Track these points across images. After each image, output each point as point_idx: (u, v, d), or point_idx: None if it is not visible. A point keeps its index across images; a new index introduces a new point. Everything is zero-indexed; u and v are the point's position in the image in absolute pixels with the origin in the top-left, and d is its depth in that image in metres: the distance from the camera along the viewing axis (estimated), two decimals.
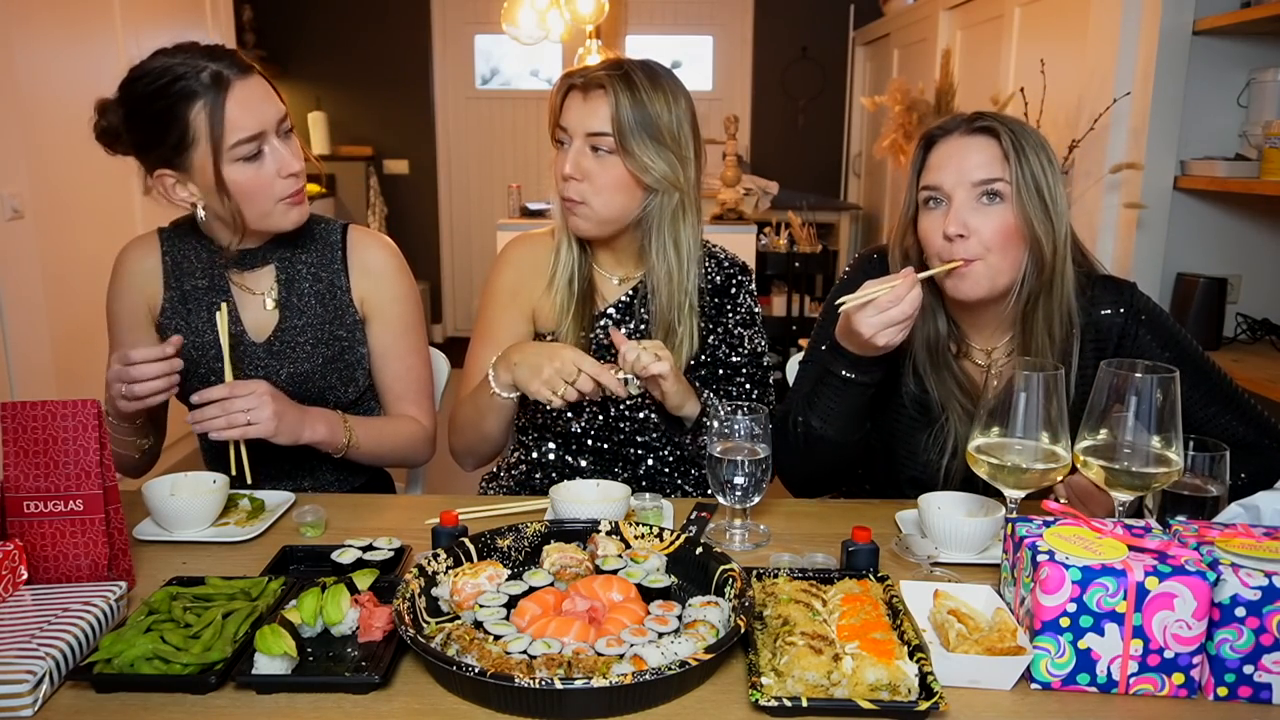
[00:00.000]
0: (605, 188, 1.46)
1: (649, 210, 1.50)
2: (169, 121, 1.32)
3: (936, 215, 1.34)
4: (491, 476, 1.71)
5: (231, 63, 1.34)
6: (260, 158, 1.36)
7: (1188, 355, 1.39)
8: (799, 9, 6.02)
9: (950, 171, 1.33)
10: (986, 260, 1.32)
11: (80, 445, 1.09)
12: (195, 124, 1.32)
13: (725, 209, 4.09)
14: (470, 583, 1.06)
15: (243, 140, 1.33)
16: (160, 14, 3.76)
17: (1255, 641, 0.91)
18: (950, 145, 1.35)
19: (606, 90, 1.43)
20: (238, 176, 1.35)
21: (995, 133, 1.32)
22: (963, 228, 1.31)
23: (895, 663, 0.91)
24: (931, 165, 1.36)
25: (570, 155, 1.46)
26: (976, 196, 1.31)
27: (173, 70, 1.31)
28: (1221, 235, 2.74)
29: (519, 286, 1.59)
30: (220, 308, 1.43)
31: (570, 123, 1.46)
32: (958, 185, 1.32)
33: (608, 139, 1.44)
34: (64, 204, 3.09)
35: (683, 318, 1.53)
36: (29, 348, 2.91)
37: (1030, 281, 1.35)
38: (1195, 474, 1.14)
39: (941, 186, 1.33)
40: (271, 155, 1.37)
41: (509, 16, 4.14)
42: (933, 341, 1.43)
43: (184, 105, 1.31)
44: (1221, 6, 2.53)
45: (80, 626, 0.97)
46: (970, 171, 1.32)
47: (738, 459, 1.23)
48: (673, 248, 1.51)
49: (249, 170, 1.35)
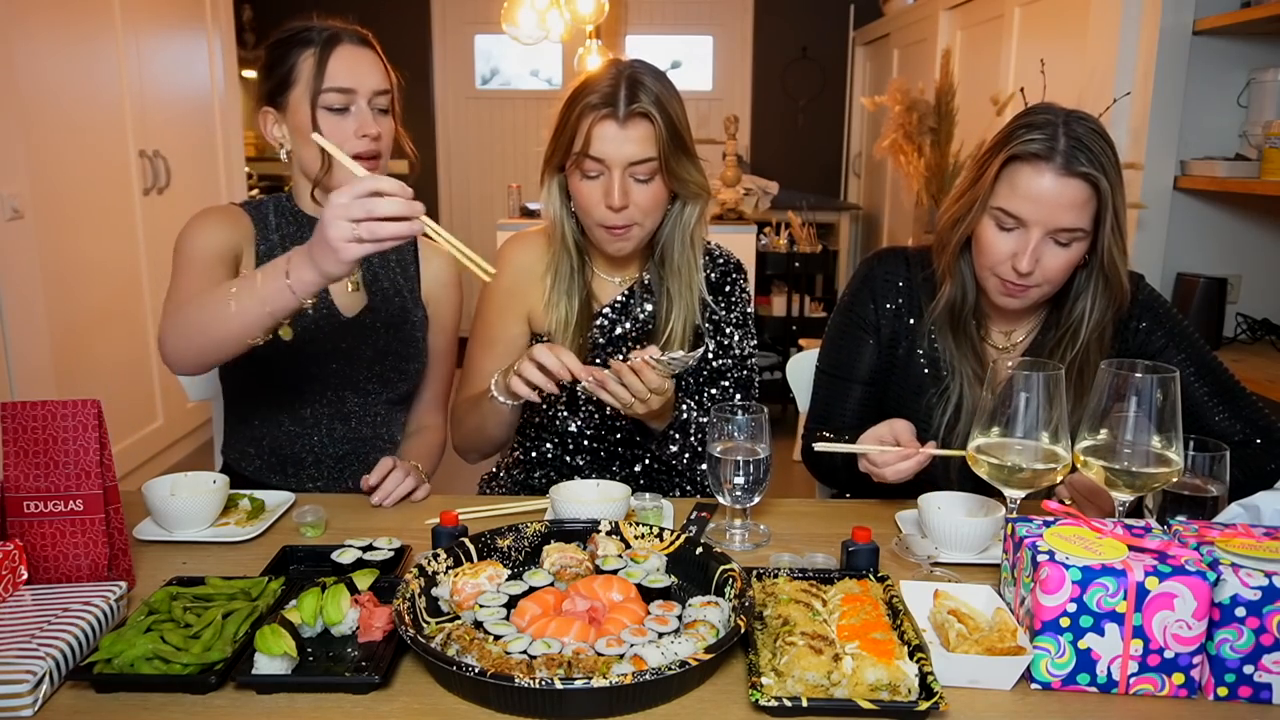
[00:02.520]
0: (651, 210, 1.45)
1: (670, 215, 1.51)
2: (283, 61, 1.47)
3: (1008, 238, 1.32)
4: (491, 476, 1.72)
5: (353, 33, 1.49)
6: (345, 113, 1.46)
7: (1192, 347, 1.41)
8: (799, 9, 6.01)
9: (1037, 210, 1.28)
10: (1044, 288, 1.35)
11: (80, 445, 1.09)
12: (301, 66, 1.45)
13: (725, 209, 4.09)
14: (470, 583, 1.06)
15: (333, 89, 1.44)
16: (160, 14, 3.76)
17: (1255, 641, 0.91)
18: (1042, 180, 1.27)
19: (647, 118, 1.39)
20: (322, 123, 1.45)
21: (1094, 182, 1.27)
22: (1033, 264, 1.30)
23: (895, 663, 0.91)
24: (1019, 191, 1.29)
25: (616, 187, 1.40)
26: (1056, 236, 1.30)
27: (306, 25, 1.49)
28: (1221, 235, 2.74)
29: (515, 288, 1.59)
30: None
31: (607, 153, 1.39)
32: (1040, 224, 1.29)
33: (651, 164, 1.41)
34: (64, 204, 3.09)
35: (694, 317, 1.54)
36: (29, 348, 2.91)
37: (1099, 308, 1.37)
38: (1195, 474, 1.14)
39: (1023, 219, 1.30)
40: (356, 115, 1.46)
41: (509, 16, 4.14)
42: (957, 307, 1.44)
43: (298, 49, 1.46)
44: (1221, 6, 2.53)
45: (80, 626, 0.97)
46: (1058, 218, 1.28)
47: (738, 459, 1.23)
48: (692, 249, 1.53)
49: (331, 119, 1.45)
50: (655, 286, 1.56)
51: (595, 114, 1.38)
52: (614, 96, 1.38)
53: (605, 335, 1.56)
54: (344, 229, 1.11)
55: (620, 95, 1.38)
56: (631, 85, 1.38)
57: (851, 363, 1.52)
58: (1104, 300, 1.36)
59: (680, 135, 1.43)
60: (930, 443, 1.29)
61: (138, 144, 3.52)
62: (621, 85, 1.38)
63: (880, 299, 1.51)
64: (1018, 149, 1.29)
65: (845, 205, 5.61)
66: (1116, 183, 1.28)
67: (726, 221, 4.05)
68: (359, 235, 1.11)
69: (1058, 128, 1.28)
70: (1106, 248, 1.31)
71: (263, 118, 1.52)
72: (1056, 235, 1.29)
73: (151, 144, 3.63)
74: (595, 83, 1.40)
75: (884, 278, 1.52)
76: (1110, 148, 1.29)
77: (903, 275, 1.52)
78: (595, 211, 1.43)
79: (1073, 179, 1.26)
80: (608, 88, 1.39)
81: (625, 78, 1.39)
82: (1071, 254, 1.31)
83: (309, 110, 1.44)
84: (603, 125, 1.39)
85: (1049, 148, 1.27)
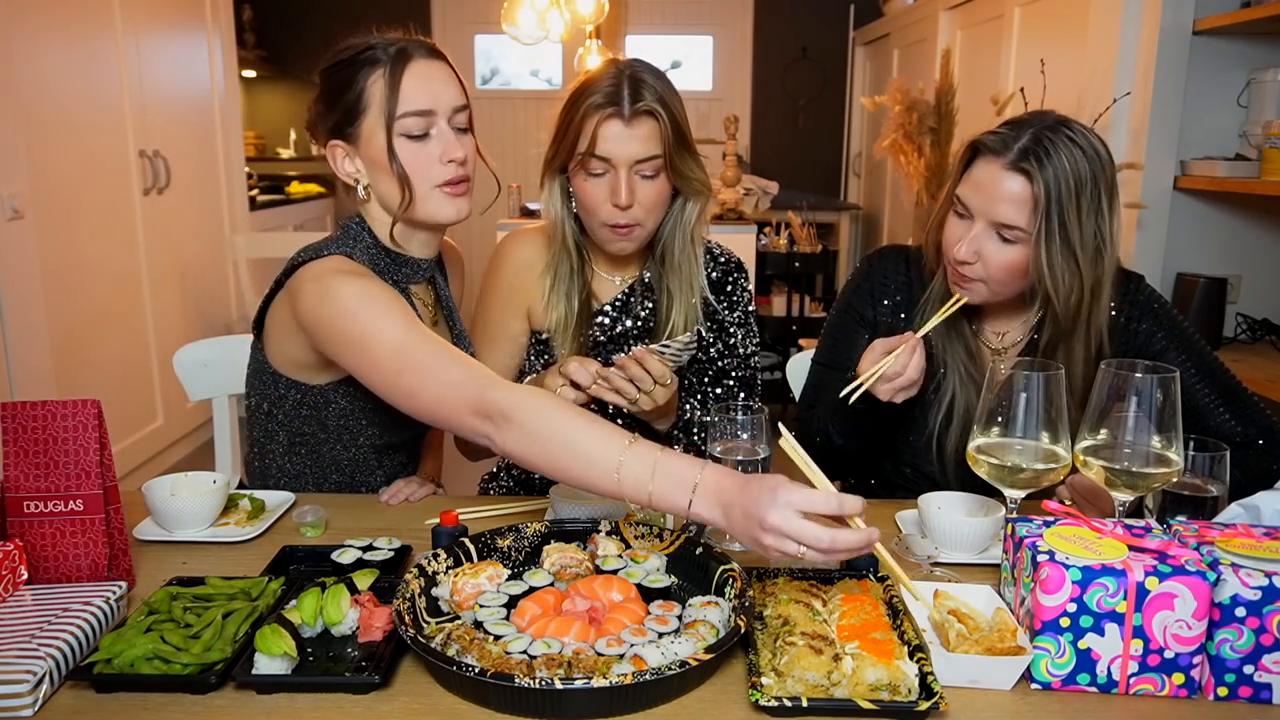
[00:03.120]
0: (655, 207, 1.45)
1: (671, 212, 1.51)
2: (349, 86, 1.31)
3: (958, 226, 1.35)
4: (491, 476, 1.72)
5: (421, 45, 1.34)
6: (426, 139, 1.32)
7: (1192, 347, 1.41)
8: (799, 9, 6.01)
9: (979, 199, 1.31)
10: (988, 284, 1.35)
11: (80, 445, 1.09)
12: (371, 90, 1.30)
13: (725, 209, 4.08)
14: (470, 583, 1.06)
15: (411, 113, 1.30)
16: (160, 14, 3.76)
17: (1255, 641, 0.91)
18: (989, 171, 1.30)
19: (652, 115, 1.39)
20: (400, 151, 1.31)
21: (1032, 181, 1.26)
22: (974, 255, 1.32)
23: (895, 663, 0.91)
24: (969, 179, 1.34)
25: (622, 185, 1.40)
26: (995, 230, 1.31)
27: (367, 43, 1.33)
28: (1221, 235, 2.74)
29: (515, 284, 1.59)
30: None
31: (612, 152, 1.39)
32: (981, 214, 1.31)
33: (657, 162, 1.41)
34: (64, 204, 3.09)
35: (695, 316, 1.54)
36: (29, 348, 2.91)
37: (1049, 327, 1.36)
38: (1195, 474, 1.14)
39: (970, 207, 1.33)
40: (438, 138, 1.33)
41: (509, 16, 4.14)
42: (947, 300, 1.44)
43: (365, 72, 1.31)
44: (1221, 6, 2.53)
45: (80, 626, 0.97)
46: (996, 209, 1.29)
47: (738, 459, 1.23)
48: (693, 246, 1.53)
49: (412, 147, 1.31)
50: (656, 284, 1.56)
51: (600, 113, 1.38)
52: (618, 95, 1.38)
53: (606, 334, 1.57)
54: (788, 548, 0.94)
55: (624, 94, 1.38)
56: (634, 83, 1.39)
57: (845, 355, 1.52)
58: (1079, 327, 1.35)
59: (683, 132, 1.43)
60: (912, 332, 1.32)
61: (138, 144, 3.53)
62: (624, 84, 1.38)
63: (879, 296, 1.52)
64: (981, 139, 1.33)
65: (845, 205, 5.61)
66: (1064, 195, 1.25)
67: (726, 221, 4.04)
68: (800, 553, 0.95)
69: (1032, 128, 1.29)
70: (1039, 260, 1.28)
71: (331, 153, 1.36)
72: (1000, 229, 1.30)
73: (151, 144, 3.63)
74: (597, 82, 1.40)
75: (883, 275, 1.53)
76: (1086, 160, 1.26)
77: (902, 273, 1.52)
78: (600, 211, 1.43)
79: (1015, 174, 1.28)
80: (610, 87, 1.39)
81: (627, 76, 1.39)
82: (1012, 253, 1.31)
83: (385, 139, 1.30)
84: (608, 124, 1.38)
85: (1005, 143, 1.29)
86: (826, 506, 0.94)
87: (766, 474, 0.98)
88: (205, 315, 4.11)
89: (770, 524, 0.92)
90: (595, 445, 1.04)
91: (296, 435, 1.46)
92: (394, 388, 1.17)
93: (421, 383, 1.15)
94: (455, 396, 1.12)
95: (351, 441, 1.46)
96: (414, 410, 1.18)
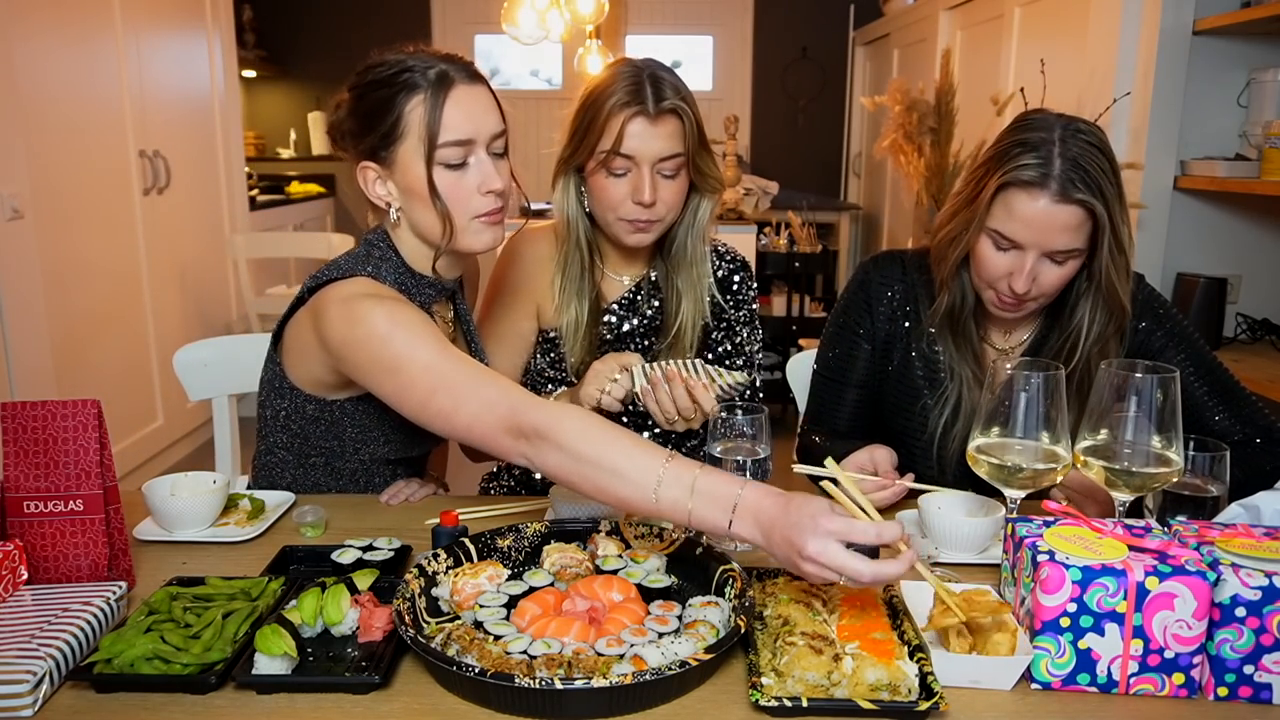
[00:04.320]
0: (674, 204, 1.46)
1: (685, 210, 1.52)
2: (386, 110, 1.26)
3: (1004, 257, 1.32)
4: (492, 476, 1.72)
5: (462, 68, 1.29)
6: (464, 168, 1.28)
7: (1192, 347, 1.41)
8: (799, 9, 6.02)
9: (1030, 234, 1.28)
10: (1038, 300, 1.36)
11: (80, 445, 1.09)
12: (410, 117, 1.25)
13: (725, 209, 4.09)
14: (470, 583, 1.06)
15: (452, 143, 1.25)
16: (160, 14, 3.76)
17: (1255, 641, 0.91)
18: (1035, 206, 1.26)
19: (676, 114, 1.40)
20: (439, 181, 1.27)
21: (1090, 208, 1.25)
22: (1029, 284, 1.31)
23: (895, 663, 0.91)
24: (1014, 216, 1.28)
25: (646, 182, 1.40)
26: (1052, 256, 1.30)
27: (404, 63, 1.27)
28: (1221, 235, 2.74)
29: (526, 280, 1.59)
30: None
31: (637, 150, 1.40)
32: (1035, 246, 1.29)
33: (679, 159, 1.42)
34: (64, 204, 3.09)
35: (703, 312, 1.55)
36: (29, 348, 2.91)
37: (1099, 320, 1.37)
38: (1195, 474, 1.14)
39: (1019, 242, 1.29)
40: (476, 168, 1.29)
41: (509, 16, 4.14)
42: (957, 311, 1.44)
43: (405, 96, 1.25)
44: (1221, 6, 2.53)
45: (80, 626, 0.97)
46: (1051, 240, 1.27)
47: (738, 459, 1.23)
48: (701, 244, 1.54)
49: (450, 177, 1.27)
50: (663, 282, 1.57)
51: (626, 111, 1.39)
52: (642, 93, 1.39)
53: (613, 332, 1.57)
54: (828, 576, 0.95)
55: (648, 92, 1.39)
56: (656, 82, 1.40)
57: (846, 367, 1.53)
58: (1104, 313, 1.36)
59: (703, 130, 1.45)
60: (909, 475, 1.31)
61: (138, 144, 3.53)
62: (646, 83, 1.39)
63: (875, 303, 1.51)
64: (1012, 175, 1.27)
65: (845, 205, 5.61)
66: (1115, 199, 1.27)
67: (726, 221, 4.04)
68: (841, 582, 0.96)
69: (1053, 147, 1.25)
70: (1104, 269, 1.31)
71: (362, 174, 1.31)
72: (1053, 255, 1.30)
73: (151, 144, 3.63)
74: (616, 81, 1.41)
75: (879, 282, 1.52)
76: (1109, 160, 1.27)
77: (898, 279, 1.52)
78: (621, 208, 1.44)
79: (1068, 205, 1.25)
80: (633, 85, 1.39)
81: (648, 75, 1.40)
82: (1068, 270, 1.32)
83: (424, 170, 1.25)
84: (634, 122, 1.39)
85: (1043, 174, 1.25)
86: (865, 537, 0.94)
87: (808, 497, 0.98)
88: (205, 315, 4.11)
89: (810, 553, 0.93)
90: (633, 466, 1.03)
91: (310, 445, 1.44)
92: (425, 409, 1.16)
93: (455, 404, 1.13)
94: (490, 417, 1.11)
95: (367, 454, 1.45)
96: (447, 431, 1.17)
